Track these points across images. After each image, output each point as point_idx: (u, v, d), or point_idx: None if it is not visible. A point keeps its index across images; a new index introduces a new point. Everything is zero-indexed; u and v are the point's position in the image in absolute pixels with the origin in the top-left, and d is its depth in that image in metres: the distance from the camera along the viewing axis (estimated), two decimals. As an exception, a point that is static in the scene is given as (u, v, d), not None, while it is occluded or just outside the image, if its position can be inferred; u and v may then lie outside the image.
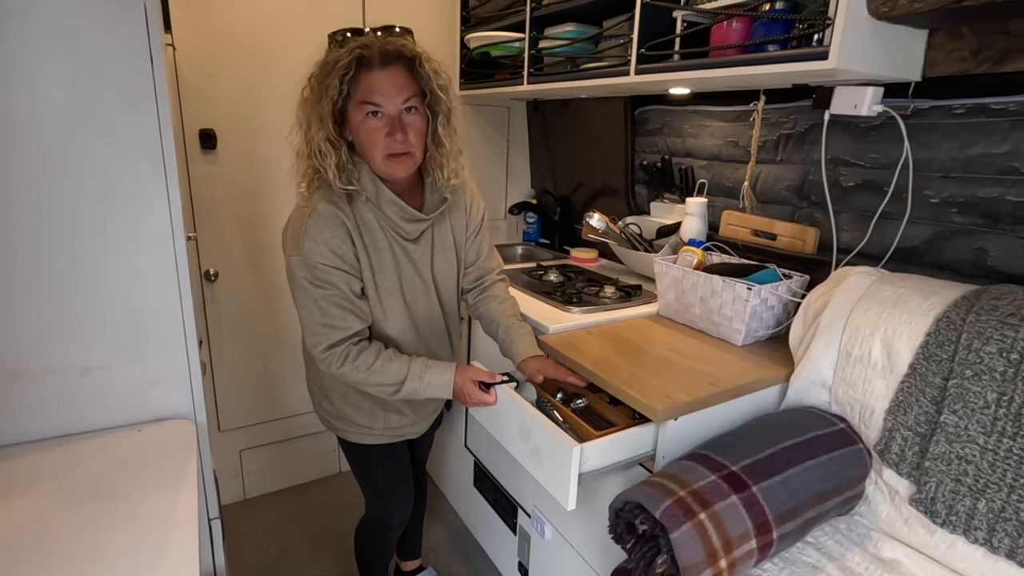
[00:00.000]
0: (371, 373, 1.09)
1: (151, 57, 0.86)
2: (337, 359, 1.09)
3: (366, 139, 1.04)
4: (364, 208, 1.10)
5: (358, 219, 1.09)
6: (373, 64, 0.99)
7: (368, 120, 1.02)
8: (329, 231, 1.05)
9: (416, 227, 1.15)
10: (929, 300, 1.03)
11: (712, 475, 0.97)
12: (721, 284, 1.33)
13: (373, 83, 1.00)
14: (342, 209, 1.07)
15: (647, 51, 1.31)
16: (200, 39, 1.69)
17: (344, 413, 1.25)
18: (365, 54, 0.99)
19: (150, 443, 0.91)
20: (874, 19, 0.97)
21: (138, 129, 0.87)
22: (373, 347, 1.12)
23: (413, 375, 1.11)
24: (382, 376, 1.10)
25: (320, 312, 1.07)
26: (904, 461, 1.01)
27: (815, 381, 1.16)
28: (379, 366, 1.10)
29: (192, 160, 1.76)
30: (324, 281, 1.06)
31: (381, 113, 1.02)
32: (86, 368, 0.90)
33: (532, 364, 1.22)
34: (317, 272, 1.05)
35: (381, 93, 1.01)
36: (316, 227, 1.05)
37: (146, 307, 0.94)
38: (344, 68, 0.98)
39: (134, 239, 0.91)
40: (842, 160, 1.34)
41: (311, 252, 1.04)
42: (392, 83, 1.01)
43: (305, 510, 2.09)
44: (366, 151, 1.06)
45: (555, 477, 1.03)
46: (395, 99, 1.02)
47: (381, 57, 1.00)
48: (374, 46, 0.99)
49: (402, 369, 1.11)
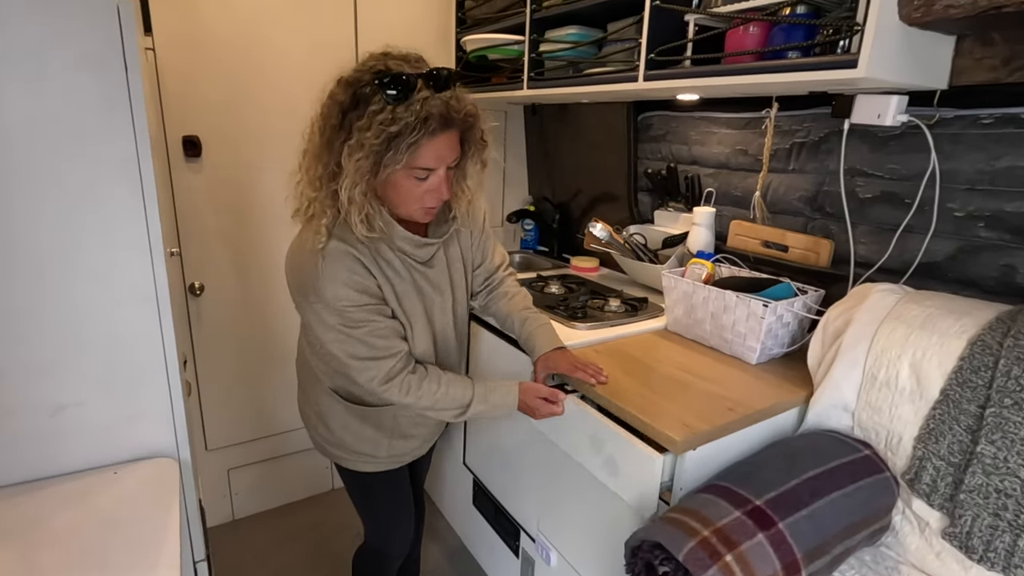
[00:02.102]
0: (436, 401, 1.06)
1: (125, 64, 0.78)
2: (398, 390, 1.04)
3: (405, 196, 0.97)
4: (377, 241, 1.02)
5: (373, 252, 1.02)
6: (435, 132, 0.91)
7: (412, 181, 0.95)
8: (347, 269, 0.97)
9: (427, 251, 1.09)
10: (960, 321, 0.98)
11: (736, 511, 0.91)
12: (735, 300, 1.27)
13: (431, 150, 0.92)
14: (354, 247, 0.99)
15: (657, 56, 1.24)
16: (183, 41, 1.61)
17: (344, 441, 1.18)
18: (432, 123, 0.90)
19: (128, 487, 0.83)
20: (904, 25, 0.91)
21: (111, 143, 0.79)
22: (431, 373, 1.08)
23: (478, 397, 1.09)
24: (447, 402, 1.07)
25: (366, 348, 1.01)
26: (936, 492, 0.96)
27: (836, 404, 1.11)
28: (443, 393, 1.07)
29: (175, 169, 1.67)
30: (358, 321, 0.99)
31: (429, 176, 0.96)
32: (57, 406, 0.82)
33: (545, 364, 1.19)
34: (348, 315, 0.98)
35: (435, 159, 0.94)
36: (332, 269, 0.96)
37: (122, 337, 0.85)
38: (413, 144, 0.89)
39: (108, 263, 0.83)
40: (859, 171, 1.28)
41: (335, 297, 0.96)
42: (448, 148, 0.95)
43: (297, 530, 2.01)
44: (399, 203, 0.99)
45: (634, 487, 1.04)
46: (446, 162, 0.96)
47: (443, 123, 0.91)
48: (439, 112, 0.90)
49: (465, 392, 1.08)
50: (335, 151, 0.92)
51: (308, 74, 1.80)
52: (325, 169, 0.94)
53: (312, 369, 1.17)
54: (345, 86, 0.93)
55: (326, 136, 0.93)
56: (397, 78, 0.88)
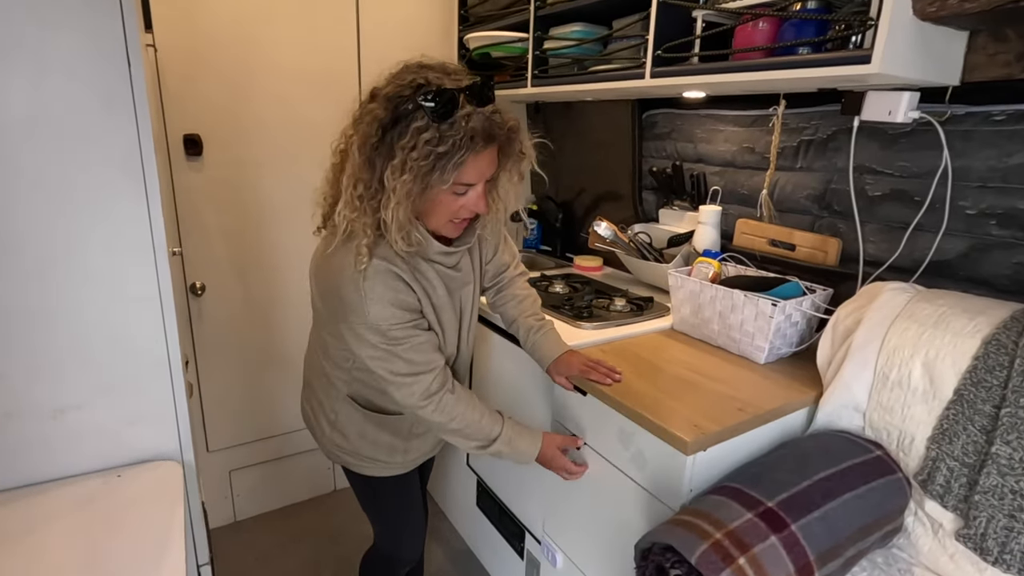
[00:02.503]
0: (467, 426, 1.05)
1: (128, 59, 0.76)
2: (434, 408, 1.02)
3: (442, 210, 0.96)
4: (414, 255, 1.01)
5: (411, 267, 1.00)
6: (478, 147, 0.89)
7: (451, 196, 0.94)
8: (391, 289, 0.96)
9: (455, 257, 1.08)
10: (974, 320, 0.96)
11: (748, 513, 0.90)
12: (743, 299, 1.25)
13: (474, 167, 0.91)
14: (394, 262, 0.97)
15: (664, 53, 1.23)
16: (184, 39, 1.59)
17: (360, 450, 1.16)
18: (478, 140, 0.88)
19: (131, 491, 0.82)
20: (917, 20, 0.90)
21: (114, 140, 0.78)
22: (469, 398, 1.07)
23: (504, 438, 1.07)
24: (477, 430, 1.05)
25: (406, 364, 0.99)
26: (950, 493, 0.94)
27: (847, 404, 1.09)
28: (475, 419, 1.05)
29: (176, 168, 1.65)
30: (399, 339, 0.97)
31: (468, 191, 0.95)
32: (57, 409, 0.81)
33: (559, 369, 1.19)
34: (392, 333, 0.96)
35: (477, 175, 0.93)
36: (375, 289, 0.94)
37: (125, 339, 0.84)
38: (459, 163, 0.87)
39: (111, 264, 0.81)
40: (868, 168, 1.27)
41: (380, 317, 0.94)
42: (489, 163, 0.94)
43: (299, 532, 2.00)
44: (434, 216, 0.98)
45: (663, 482, 1.04)
46: (486, 176, 0.95)
47: (487, 139, 0.90)
48: (480, 126, 0.88)
49: (495, 427, 1.07)
50: (377, 170, 0.89)
51: (310, 71, 1.79)
52: (367, 189, 0.90)
53: (326, 376, 1.14)
54: (384, 101, 0.89)
55: (365, 155, 0.89)
56: (440, 94, 0.85)
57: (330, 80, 1.83)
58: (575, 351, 1.21)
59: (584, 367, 1.16)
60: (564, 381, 1.19)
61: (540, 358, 1.23)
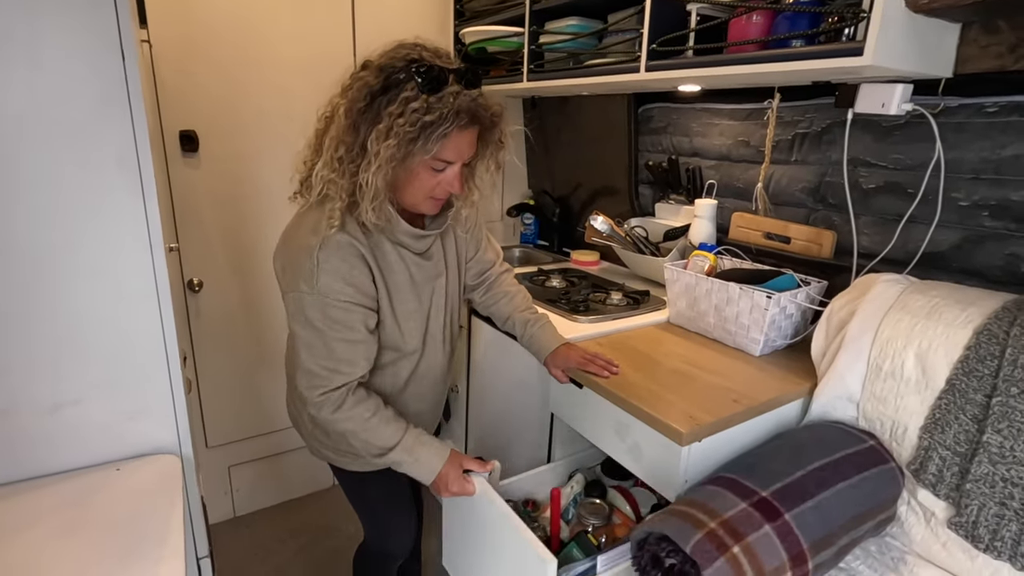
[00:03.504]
0: (365, 429, 1.00)
1: (123, 55, 0.76)
2: (331, 404, 0.98)
3: (419, 185, 0.96)
4: (378, 233, 1.01)
5: (372, 245, 1.00)
6: (465, 125, 0.91)
7: (429, 171, 0.95)
8: (346, 263, 0.95)
9: (425, 242, 1.07)
10: (966, 311, 0.97)
11: (742, 502, 0.90)
12: (738, 292, 1.26)
13: (455, 144, 0.92)
14: (357, 237, 0.96)
15: (659, 47, 1.23)
16: (178, 33, 1.59)
17: (340, 444, 1.15)
18: (463, 116, 0.90)
19: (130, 484, 0.82)
20: (910, 12, 0.90)
21: (110, 136, 0.78)
22: (372, 401, 1.02)
23: (404, 447, 1.01)
24: (374, 436, 1.00)
25: (327, 353, 0.97)
26: (942, 482, 0.95)
27: (841, 395, 1.10)
28: (375, 424, 1.00)
29: (172, 164, 1.65)
30: (339, 321, 0.96)
31: (446, 168, 0.95)
32: (55, 404, 0.81)
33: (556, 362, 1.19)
34: (333, 310, 0.95)
35: (457, 153, 0.94)
36: (333, 260, 0.94)
37: (123, 334, 0.84)
38: (444, 135, 0.89)
39: (108, 260, 0.82)
40: (862, 161, 1.28)
41: (328, 288, 0.93)
42: (469, 144, 0.95)
43: (299, 527, 2.01)
44: (410, 191, 0.98)
45: (659, 473, 1.06)
46: (464, 157, 0.96)
47: (471, 119, 0.92)
48: (469, 109, 0.90)
49: (395, 435, 1.01)
50: (361, 134, 0.90)
51: (305, 65, 1.79)
52: (348, 151, 0.91)
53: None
54: (376, 71, 0.91)
55: (351, 119, 0.91)
56: (432, 68, 0.87)
57: (326, 72, 1.82)
58: (572, 344, 1.22)
59: (582, 360, 1.16)
60: (560, 373, 1.20)
61: (537, 350, 1.23)
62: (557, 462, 1.34)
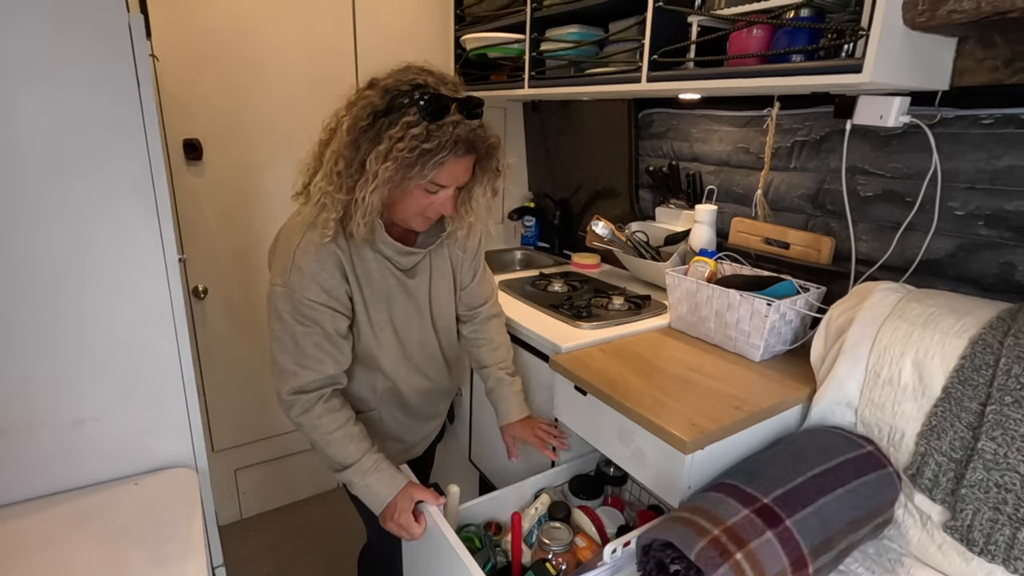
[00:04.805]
0: (327, 441, 1.01)
1: (137, 79, 0.78)
2: (300, 407, 1.00)
3: (411, 204, 0.99)
4: (360, 240, 1.03)
5: (352, 252, 1.02)
6: (459, 153, 0.94)
7: (423, 193, 0.98)
8: (319, 265, 0.98)
9: (411, 259, 1.10)
10: (962, 320, 1.00)
11: (744, 509, 0.93)
12: (739, 299, 1.28)
13: (451, 170, 0.95)
14: (337, 243, 0.99)
15: (660, 58, 1.25)
16: (182, 43, 1.60)
17: None
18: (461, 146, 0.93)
19: (149, 498, 0.84)
20: (907, 29, 0.92)
21: (125, 160, 0.80)
22: (341, 414, 1.04)
23: (359, 469, 1.02)
24: (335, 449, 1.02)
25: (296, 350, 0.99)
26: (938, 487, 0.98)
27: (840, 401, 1.13)
28: (338, 438, 1.01)
29: (177, 172, 1.66)
30: (307, 318, 0.98)
31: (440, 191, 0.98)
32: (77, 420, 0.83)
33: (512, 431, 1.28)
34: (301, 307, 0.97)
35: (452, 179, 0.97)
36: (307, 260, 0.97)
37: (141, 352, 0.87)
38: (440, 162, 0.92)
39: (126, 281, 0.84)
40: (860, 169, 1.30)
41: (298, 285, 0.96)
42: (464, 170, 0.98)
43: (304, 528, 2.04)
44: (402, 209, 1.01)
45: (663, 480, 1.08)
46: (459, 182, 0.99)
47: (468, 147, 0.95)
48: (465, 135, 0.92)
49: (354, 455, 1.02)
50: (361, 151, 0.92)
51: (307, 71, 1.80)
52: (347, 167, 0.94)
53: None
54: (382, 91, 0.93)
55: (353, 135, 0.93)
56: (437, 97, 0.90)
57: (328, 81, 1.84)
58: (531, 418, 1.30)
59: (534, 438, 1.26)
60: (511, 441, 1.29)
61: (502, 412, 1.29)
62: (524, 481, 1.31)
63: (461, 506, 1.21)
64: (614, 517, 1.27)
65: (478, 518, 1.26)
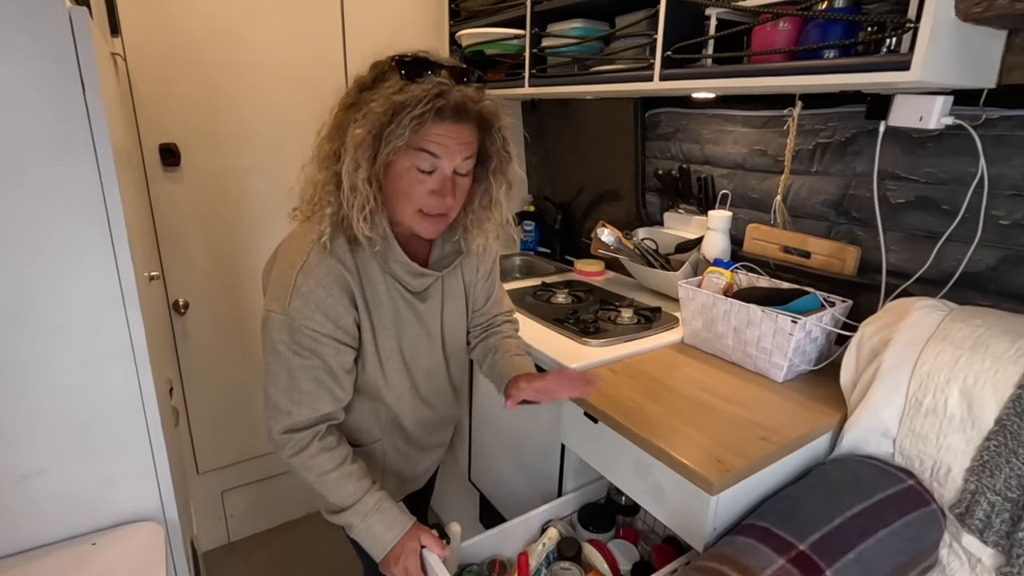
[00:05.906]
0: (323, 482, 0.91)
1: (82, 83, 0.67)
2: (293, 447, 0.90)
3: (405, 188, 0.86)
4: (368, 259, 0.92)
5: (361, 272, 0.91)
6: (445, 115, 0.82)
7: (414, 171, 0.85)
8: (325, 290, 0.86)
9: (423, 281, 0.98)
10: (1016, 344, 0.90)
11: (779, 558, 0.83)
12: (760, 315, 1.19)
13: (438, 134, 0.83)
14: (344, 262, 0.88)
15: (674, 54, 1.15)
16: (155, 42, 1.48)
17: None
18: (442, 104, 0.81)
19: (108, 559, 0.74)
20: (958, 21, 0.82)
21: (72, 182, 0.69)
22: (338, 452, 0.93)
23: (359, 510, 0.92)
24: (331, 490, 0.91)
25: (290, 386, 0.89)
26: (991, 528, 0.89)
27: (875, 430, 1.03)
28: (334, 478, 0.91)
29: (153, 180, 1.55)
30: (307, 350, 0.87)
31: (434, 168, 0.85)
32: (22, 475, 0.72)
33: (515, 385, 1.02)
34: (301, 338, 0.86)
35: (443, 147, 0.84)
36: (311, 284, 0.86)
37: (96, 396, 0.76)
38: (418, 117, 0.79)
39: (77, 318, 0.73)
40: (890, 174, 1.20)
41: (298, 313, 0.85)
42: (458, 140, 0.85)
43: (295, 550, 1.94)
44: (399, 200, 0.88)
45: (684, 520, 0.98)
46: (454, 157, 0.85)
47: (456, 110, 0.83)
48: (452, 96, 0.81)
49: (353, 495, 0.92)
50: (344, 129, 0.84)
51: (291, 69, 1.69)
52: (331, 147, 0.85)
53: None
54: (371, 68, 0.87)
55: (339, 118, 0.86)
56: (418, 58, 0.82)
57: (315, 79, 1.73)
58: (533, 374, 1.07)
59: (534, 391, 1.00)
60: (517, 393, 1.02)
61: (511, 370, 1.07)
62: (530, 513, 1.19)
63: (463, 543, 1.11)
64: (628, 552, 1.18)
65: (480, 556, 1.16)
